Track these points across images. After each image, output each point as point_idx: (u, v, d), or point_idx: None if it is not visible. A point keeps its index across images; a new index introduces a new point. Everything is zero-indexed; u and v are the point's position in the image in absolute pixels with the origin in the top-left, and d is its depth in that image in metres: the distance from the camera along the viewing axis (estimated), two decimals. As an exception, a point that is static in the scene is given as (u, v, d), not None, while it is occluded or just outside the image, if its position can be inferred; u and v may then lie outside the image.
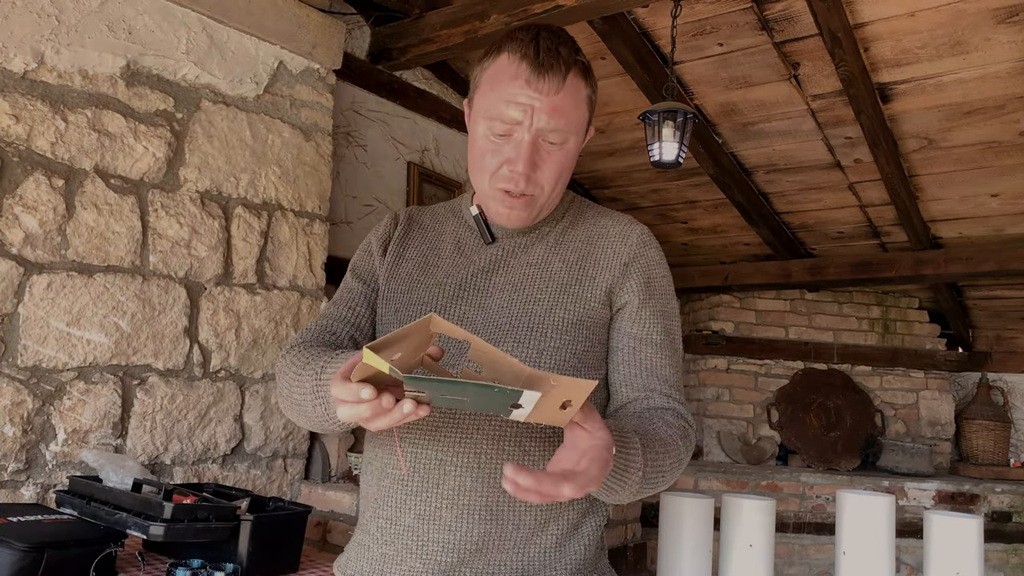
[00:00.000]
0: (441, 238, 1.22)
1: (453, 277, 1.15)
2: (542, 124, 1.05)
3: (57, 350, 2.12)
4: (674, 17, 2.91)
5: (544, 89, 1.04)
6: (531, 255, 1.15)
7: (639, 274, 1.13)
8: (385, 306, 1.18)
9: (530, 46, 1.06)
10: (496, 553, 1.04)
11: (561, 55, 1.06)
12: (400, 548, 1.06)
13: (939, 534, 2.66)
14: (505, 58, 1.07)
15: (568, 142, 1.09)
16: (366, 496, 1.15)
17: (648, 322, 1.11)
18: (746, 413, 5.09)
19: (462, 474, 1.04)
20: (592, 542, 1.11)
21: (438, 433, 1.05)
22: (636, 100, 3.51)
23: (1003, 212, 3.94)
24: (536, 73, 1.04)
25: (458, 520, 1.03)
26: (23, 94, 2.09)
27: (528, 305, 1.10)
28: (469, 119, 1.15)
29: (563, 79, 1.05)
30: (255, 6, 2.62)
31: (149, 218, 2.35)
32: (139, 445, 2.28)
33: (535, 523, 1.06)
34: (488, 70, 1.10)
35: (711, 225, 4.66)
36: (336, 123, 3.09)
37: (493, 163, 1.09)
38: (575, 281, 1.12)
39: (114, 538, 1.72)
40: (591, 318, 1.10)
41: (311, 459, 2.79)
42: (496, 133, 1.07)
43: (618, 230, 1.16)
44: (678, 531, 2.87)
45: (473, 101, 1.13)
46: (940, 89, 3.13)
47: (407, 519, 1.06)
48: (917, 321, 5.25)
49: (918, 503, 4.53)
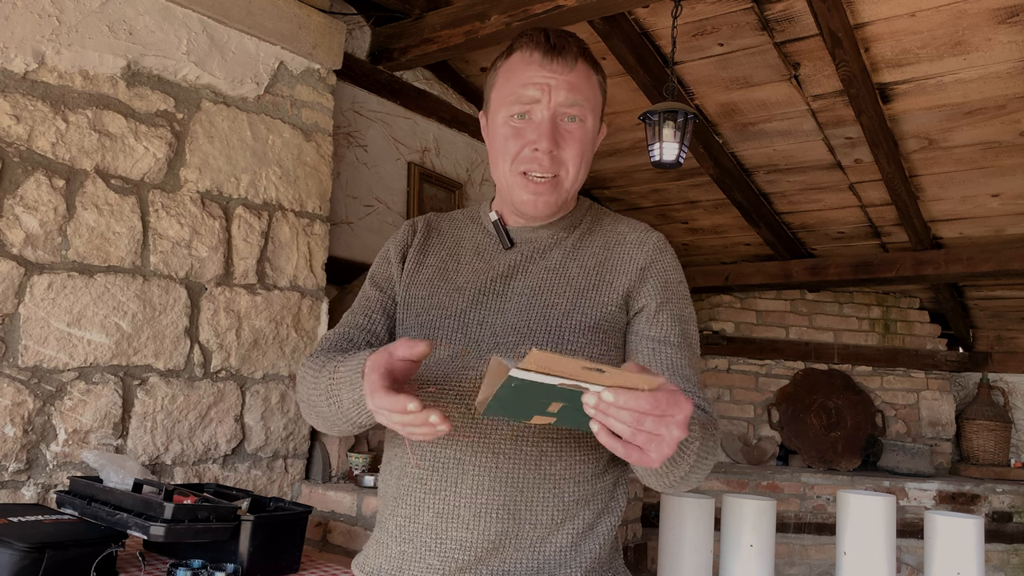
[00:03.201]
0: (460, 244, 1.24)
1: (472, 282, 1.17)
2: (560, 99, 1.09)
3: (58, 350, 2.12)
4: (675, 17, 2.91)
5: (558, 68, 1.09)
6: (549, 260, 1.16)
7: (656, 278, 1.14)
8: (406, 311, 1.20)
9: (540, 35, 1.11)
10: (513, 551, 1.06)
11: (570, 40, 1.11)
12: (419, 546, 1.08)
13: (940, 534, 2.66)
14: (517, 54, 1.13)
15: (587, 120, 1.12)
16: (384, 494, 1.17)
17: (666, 325, 1.12)
18: (747, 413, 5.09)
19: (480, 473, 1.05)
20: (607, 541, 1.12)
21: (456, 433, 1.07)
22: (636, 100, 3.51)
23: (1004, 212, 3.94)
24: (549, 56, 1.09)
25: (476, 519, 1.05)
26: (24, 94, 2.09)
27: (546, 309, 1.11)
28: (486, 126, 1.19)
29: (575, 59, 1.10)
30: (256, 6, 2.62)
31: (150, 218, 2.35)
32: (140, 445, 2.28)
33: (551, 522, 1.07)
34: (501, 68, 1.15)
35: (711, 225, 4.66)
36: (336, 123, 3.09)
37: (515, 146, 1.11)
38: (592, 286, 1.13)
39: (115, 538, 1.72)
40: (608, 322, 1.11)
41: (312, 459, 2.79)
42: (515, 115, 1.11)
43: (635, 236, 1.18)
44: (679, 531, 2.87)
45: (489, 102, 1.17)
46: (941, 89, 3.12)
47: (426, 517, 1.07)
48: (918, 321, 5.25)
49: (919, 503, 4.53)
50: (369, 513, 2.53)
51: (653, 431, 0.79)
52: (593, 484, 1.11)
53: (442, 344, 1.13)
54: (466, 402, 1.08)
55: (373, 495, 2.54)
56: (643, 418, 0.78)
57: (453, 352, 1.12)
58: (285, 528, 1.97)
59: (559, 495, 1.07)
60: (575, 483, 1.09)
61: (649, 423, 0.78)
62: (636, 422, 0.78)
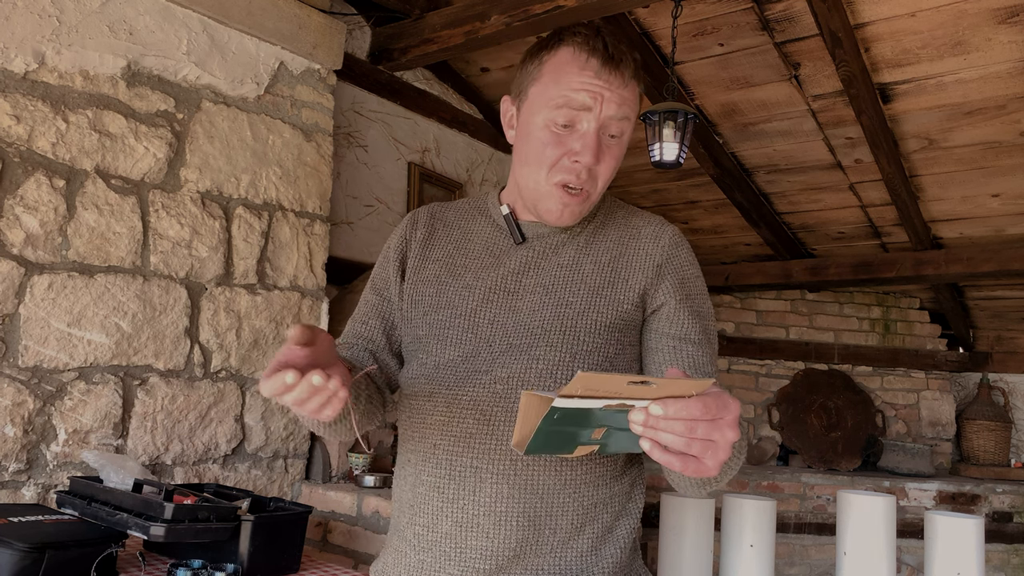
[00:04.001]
0: (468, 237, 1.20)
1: (483, 279, 1.13)
2: (611, 112, 1.05)
3: (58, 350, 2.12)
4: (675, 17, 2.91)
5: (613, 82, 1.05)
6: (562, 256, 1.13)
7: (673, 275, 1.11)
8: (413, 309, 1.17)
9: (597, 39, 1.06)
10: (533, 559, 1.05)
11: (626, 51, 1.07)
12: (438, 555, 1.07)
13: (940, 534, 2.66)
14: (569, 51, 1.07)
15: (624, 135, 1.09)
16: (400, 501, 1.15)
17: (686, 322, 1.09)
18: (747, 413, 5.09)
19: (499, 482, 1.04)
20: (627, 544, 1.11)
21: (473, 441, 1.05)
22: (637, 100, 3.51)
23: (1004, 212, 3.93)
24: (607, 65, 1.05)
25: (496, 527, 1.04)
26: (24, 94, 2.09)
27: (560, 308, 1.08)
28: (518, 116, 1.13)
29: (632, 75, 1.07)
30: (256, 7, 2.62)
31: (150, 218, 2.35)
32: (140, 445, 2.28)
33: (571, 527, 1.06)
34: (548, 62, 1.08)
35: (712, 225, 4.66)
36: (337, 123, 3.09)
37: (554, 155, 1.07)
38: (607, 284, 1.10)
39: (115, 538, 1.72)
40: (623, 321, 1.09)
41: (312, 459, 2.79)
42: (559, 123, 1.06)
43: (650, 231, 1.15)
44: (679, 531, 2.87)
45: (527, 95, 1.11)
46: (941, 89, 3.12)
47: (445, 526, 1.06)
48: (918, 321, 5.25)
49: (919, 503, 4.53)
50: (369, 513, 2.53)
51: (707, 437, 0.75)
52: (611, 486, 1.09)
53: (452, 344, 1.10)
54: (480, 408, 1.06)
55: (373, 495, 2.54)
56: (695, 425, 0.74)
57: (464, 353, 1.09)
58: (285, 528, 1.97)
59: (579, 499, 1.06)
60: (594, 486, 1.07)
61: (702, 430, 0.75)
62: (689, 431, 0.74)
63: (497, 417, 1.05)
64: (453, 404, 1.07)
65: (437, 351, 1.11)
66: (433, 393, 1.10)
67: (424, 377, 1.12)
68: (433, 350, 1.12)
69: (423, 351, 1.13)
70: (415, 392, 1.14)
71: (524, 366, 1.05)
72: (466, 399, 1.06)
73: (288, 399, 0.83)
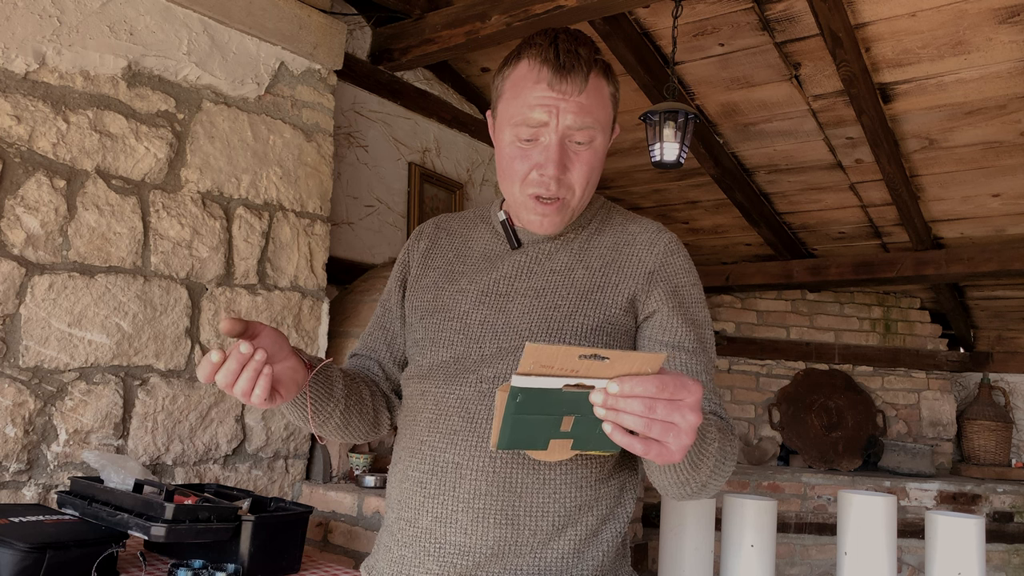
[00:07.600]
0: (468, 244, 1.22)
1: (476, 283, 1.15)
2: (568, 122, 1.05)
3: (59, 351, 2.12)
4: (675, 17, 2.91)
5: (567, 90, 1.04)
6: (555, 262, 1.14)
7: (665, 283, 1.11)
8: (413, 315, 1.20)
9: (549, 50, 1.05)
10: (512, 558, 1.04)
11: (581, 56, 1.05)
12: (418, 550, 1.07)
13: (941, 534, 2.66)
14: (525, 64, 1.07)
15: (595, 141, 1.08)
16: (390, 497, 1.17)
17: (679, 330, 1.09)
18: (747, 414, 5.09)
19: (477, 478, 1.04)
20: (611, 548, 1.10)
21: (456, 437, 1.06)
22: (637, 100, 3.51)
23: (1004, 212, 3.93)
24: (558, 75, 1.04)
25: (474, 524, 1.04)
26: (25, 95, 2.09)
27: (548, 311, 1.09)
28: (493, 130, 1.15)
29: (585, 79, 1.05)
30: (256, 7, 2.62)
31: (150, 219, 2.35)
32: (140, 446, 2.29)
33: (552, 528, 1.05)
34: (509, 78, 1.10)
35: (712, 225, 4.66)
36: (337, 124, 3.09)
37: (522, 169, 1.08)
38: (597, 288, 1.10)
39: (115, 539, 1.72)
40: (612, 324, 1.09)
41: (312, 460, 2.79)
42: (523, 139, 1.07)
43: (645, 237, 1.15)
44: (679, 531, 2.87)
45: (497, 110, 1.13)
46: (941, 89, 3.12)
47: (424, 521, 1.07)
48: (918, 321, 5.25)
49: (919, 503, 4.53)
50: (370, 513, 2.53)
51: (666, 418, 0.75)
52: (596, 489, 1.09)
53: (444, 346, 1.12)
54: (465, 406, 1.07)
55: (374, 495, 2.54)
56: (654, 404, 0.74)
57: (455, 354, 1.11)
58: (286, 528, 1.97)
59: (560, 500, 1.06)
60: (577, 488, 1.07)
61: (661, 409, 0.74)
62: (647, 410, 0.74)
63: (481, 415, 1.06)
64: (441, 402, 1.09)
65: (431, 353, 1.14)
66: (424, 392, 1.12)
67: (418, 377, 1.15)
68: (428, 352, 1.14)
69: (419, 353, 1.16)
70: (410, 392, 1.17)
71: (510, 366, 1.07)
72: (453, 397, 1.08)
73: (219, 379, 0.89)
